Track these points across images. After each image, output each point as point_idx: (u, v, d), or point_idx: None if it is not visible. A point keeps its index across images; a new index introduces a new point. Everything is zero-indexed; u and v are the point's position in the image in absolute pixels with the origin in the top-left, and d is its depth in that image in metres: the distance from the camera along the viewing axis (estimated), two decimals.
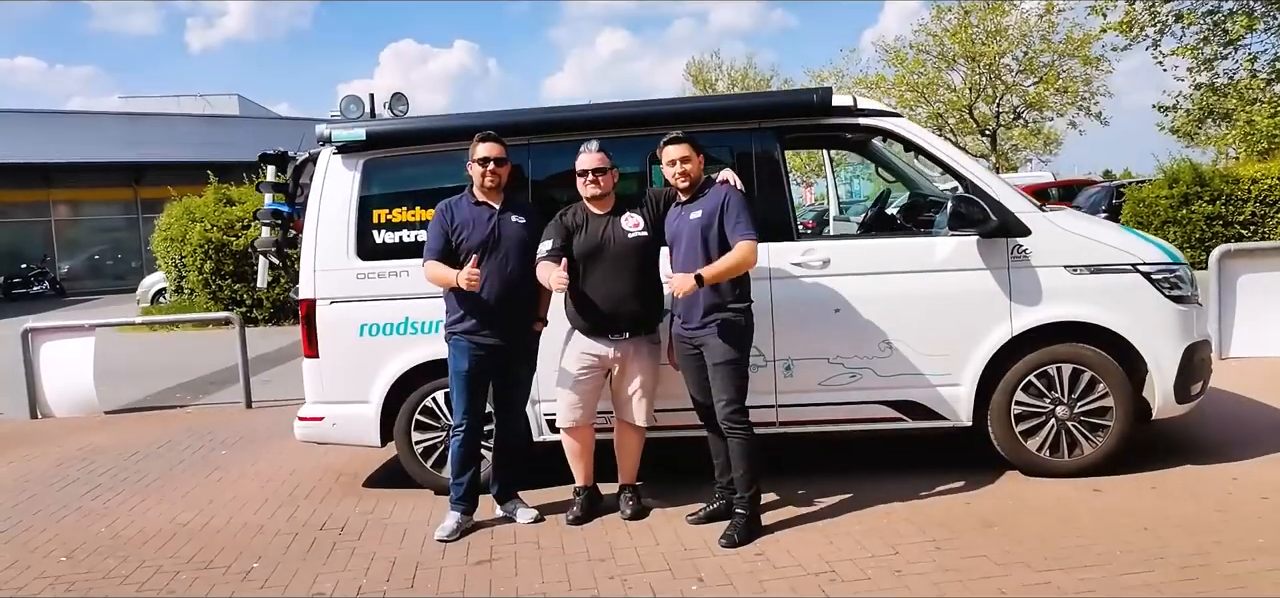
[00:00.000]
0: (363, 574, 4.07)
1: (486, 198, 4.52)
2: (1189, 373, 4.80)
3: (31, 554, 4.57)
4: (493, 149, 4.50)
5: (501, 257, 4.44)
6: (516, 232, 4.47)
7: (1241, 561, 3.65)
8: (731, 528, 4.17)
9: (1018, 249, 4.74)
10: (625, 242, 4.41)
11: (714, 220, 4.18)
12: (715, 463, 4.50)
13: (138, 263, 33.17)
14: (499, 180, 4.52)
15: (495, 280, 4.41)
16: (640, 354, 4.50)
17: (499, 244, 4.45)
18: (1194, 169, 15.45)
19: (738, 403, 4.20)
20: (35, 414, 8.33)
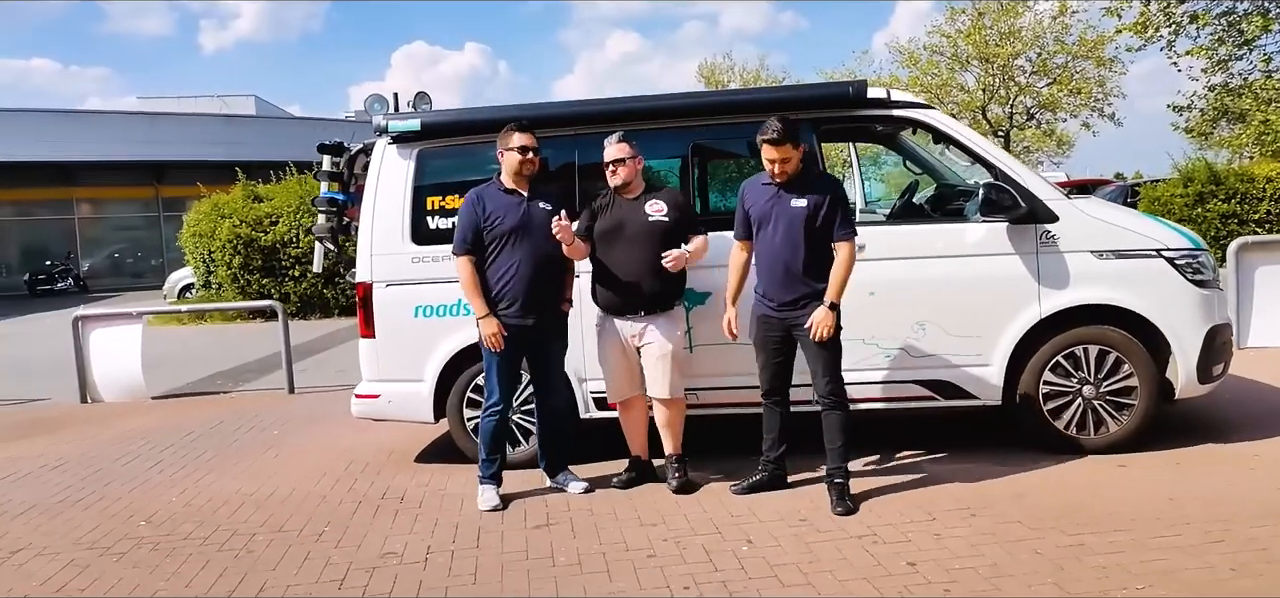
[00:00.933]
0: (429, 536, 4.32)
1: (517, 185, 4.73)
2: (1211, 354, 5.01)
3: (112, 520, 4.83)
4: (530, 139, 4.72)
5: (532, 242, 4.66)
6: (544, 218, 4.67)
7: (1262, 525, 3.86)
8: (840, 498, 4.34)
9: (1046, 235, 4.95)
10: (644, 225, 4.64)
11: (820, 212, 4.33)
12: (766, 437, 4.68)
13: (158, 260, 33.65)
14: (533, 169, 4.75)
15: (527, 264, 4.64)
16: (659, 331, 4.69)
17: (530, 230, 4.65)
18: (1209, 168, 15.60)
19: (839, 380, 4.42)
20: (85, 399, 8.62)
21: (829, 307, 4.30)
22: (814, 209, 4.34)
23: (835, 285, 4.32)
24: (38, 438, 7.03)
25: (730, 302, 4.66)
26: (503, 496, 4.74)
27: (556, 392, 4.98)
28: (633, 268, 4.67)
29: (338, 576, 3.91)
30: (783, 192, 4.41)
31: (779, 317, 4.45)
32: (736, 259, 4.65)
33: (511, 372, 4.78)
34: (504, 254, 4.65)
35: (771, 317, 4.48)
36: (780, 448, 4.64)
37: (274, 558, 4.15)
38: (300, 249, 15.83)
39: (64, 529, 4.72)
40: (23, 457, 6.40)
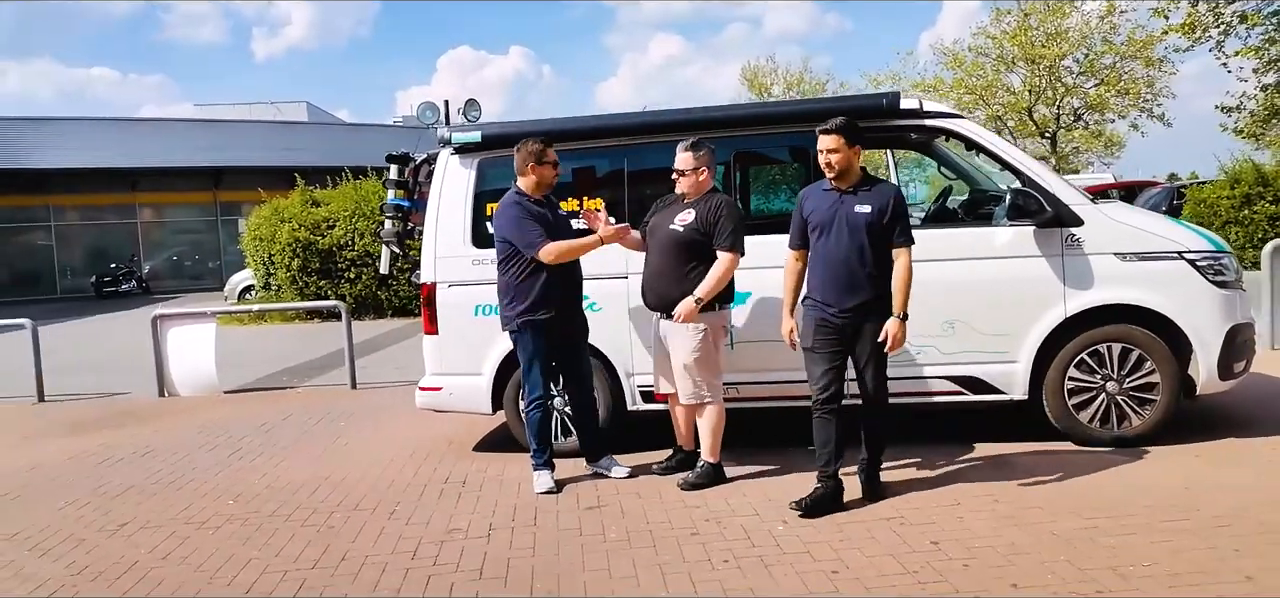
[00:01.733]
0: (490, 515, 4.72)
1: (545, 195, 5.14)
2: (1232, 352, 5.22)
3: (204, 499, 5.32)
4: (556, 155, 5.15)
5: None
6: (567, 225, 5.07)
7: (1273, 511, 4.10)
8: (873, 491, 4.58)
9: (1071, 238, 5.21)
10: (668, 232, 4.96)
11: (883, 217, 4.40)
12: (822, 450, 4.52)
13: (215, 262, 34.80)
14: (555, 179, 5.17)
15: (560, 268, 5.01)
16: (677, 337, 4.91)
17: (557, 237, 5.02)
18: (1256, 170, 15.55)
19: (886, 384, 4.58)
20: (162, 393, 9.19)
21: (900, 319, 4.41)
22: (878, 214, 4.40)
23: (901, 295, 4.41)
24: (126, 428, 7.59)
25: (789, 312, 4.67)
26: (558, 481, 5.12)
27: (587, 381, 5.32)
28: (657, 272, 5.00)
29: (410, 547, 4.32)
30: (845, 196, 4.48)
31: (841, 322, 4.44)
32: (792, 268, 4.68)
33: (547, 365, 5.15)
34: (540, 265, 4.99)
35: (832, 322, 4.45)
36: (840, 459, 4.54)
37: (352, 532, 4.58)
38: (356, 252, 16.43)
39: (162, 507, 5.21)
40: (115, 444, 6.95)
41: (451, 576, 3.95)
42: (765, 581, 3.69)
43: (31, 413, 8.77)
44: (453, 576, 3.95)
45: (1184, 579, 3.48)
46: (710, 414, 4.99)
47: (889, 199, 4.46)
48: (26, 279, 31.11)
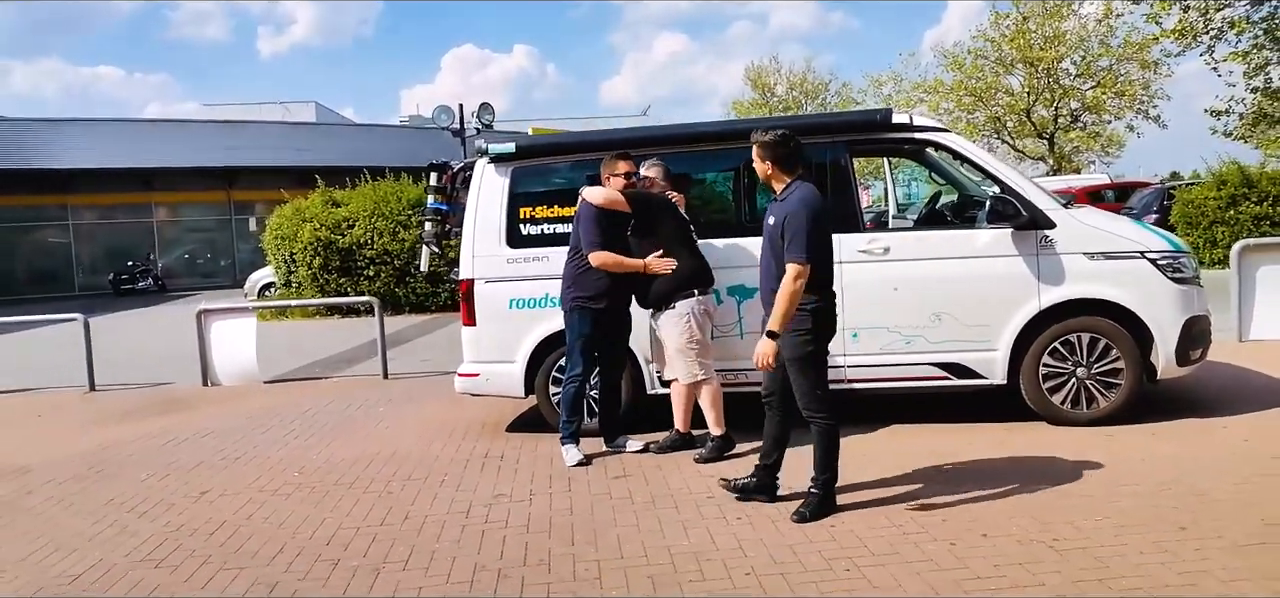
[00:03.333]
0: (530, 482, 5.36)
1: None
2: (1189, 341, 5.85)
3: (270, 472, 5.96)
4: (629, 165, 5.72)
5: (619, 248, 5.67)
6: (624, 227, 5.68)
7: (1210, 480, 4.72)
8: (804, 504, 4.51)
9: (1045, 239, 5.83)
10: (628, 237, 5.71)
11: (780, 230, 4.41)
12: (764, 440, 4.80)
13: (227, 261, 35.52)
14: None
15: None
16: (663, 326, 5.62)
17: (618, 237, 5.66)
18: (1242, 171, 16.13)
19: (809, 395, 4.48)
20: (206, 382, 9.83)
21: (766, 334, 4.36)
22: (778, 226, 4.44)
23: (777, 310, 4.33)
24: (180, 414, 8.23)
25: None
26: (587, 455, 5.75)
27: (620, 371, 6.01)
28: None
29: (463, 508, 4.96)
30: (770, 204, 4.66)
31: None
32: None
33: (592, 348, 5.79)
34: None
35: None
36: (773, 456, 4.76)
37: (410, 496, 5.22)
38: (375, 250, 17.08)
39: (233, 478, 5.85)
40: (175, 427, 7.59)
41: (502, 530, 4.59)
42: (773, 534, 4.32)
43: (86, 401, 9.42)
44: (503, 530, 4.59)
45: (1130, 529, 4.11)
46: (707, 391, 5.64)
47: (786, 212, 4.40)
48: (44, 277, 31.75)
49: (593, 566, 4.07)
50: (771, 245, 4.49)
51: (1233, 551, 3.82)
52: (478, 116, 21.56)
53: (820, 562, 3.96)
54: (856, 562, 3.94)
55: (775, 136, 4.58)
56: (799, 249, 4.30)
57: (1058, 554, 3.89)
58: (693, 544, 4.26)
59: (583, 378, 5.81)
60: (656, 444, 5.90)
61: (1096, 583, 3.60)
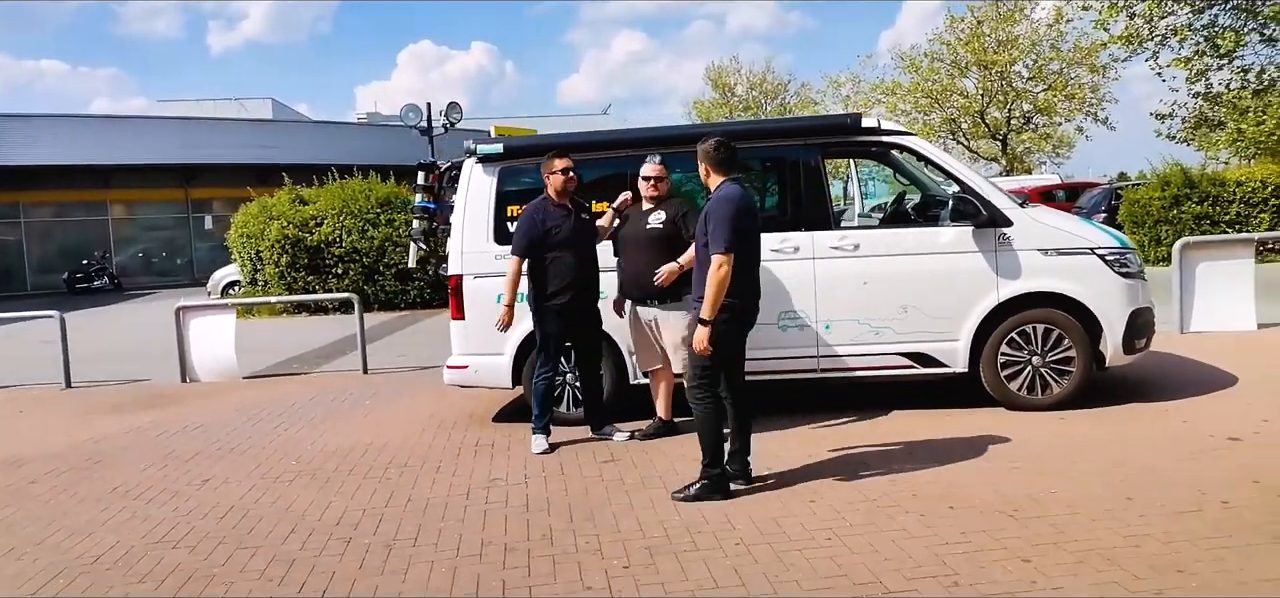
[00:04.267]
0: (523, 467, 5.64)
1: (564, 201, 5.98)
2: (1134, 331, 6.31)
3: (268, 460, 6.16)
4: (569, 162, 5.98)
5: (578, 245, 5.93)
6: (586, 225, 5.97)
7: (1153, 457, 5.15)
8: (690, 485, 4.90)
9: (1002, 236, 6.25)
10: (645, 231, 5.89)
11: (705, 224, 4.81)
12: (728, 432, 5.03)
13: (184, 259, 35.15)
14: (573, 186, 6.00)
15: (570, 263, 5.90)
16: (669, 319, 5.80)
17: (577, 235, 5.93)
18: (1184, 173, 16.88)
19: (695, 377, 4.84)
20: (185, 379, 9.93)
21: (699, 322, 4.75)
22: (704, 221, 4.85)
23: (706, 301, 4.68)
24: (165, 408, 8.36)
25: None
26: (552, 443, 6.02)
27: (595, 363, 6.27)
28: (637, 266, 5.88)
29: (463, 490, 5.23)
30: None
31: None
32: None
33: (561, 345, 6.07)
34: (559, 255, 5.92)
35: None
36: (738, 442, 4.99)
37: (409, 481, 5.47)
38: (344, 248, 17.16)
39: (234, 467, 6.05)
40: (164, 421, 7.73)
41: (503, 510, 4.87)
42: (757, 509, 4.65)
43: (65, 397, 9.48)
44: (504, 510, 4.87)
45: (1081, 500, 4.51)
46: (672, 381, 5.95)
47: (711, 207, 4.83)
48: None
49: (593, 539, 4.37)
50: (702, 238, 4.81)
51: (1172, 517, 4.23)
52: (445, 115, 21.67)
53: (802, 533, 4.31)
54: (836, 532, 4.29)
55: (711, 143, 4.94)
56: (720, 240, 4.63)
57: (1018, 522, 4.28)
58: (684, 520, 4.57)
59: (552, 374, 6.07)
60: (641, 432, 6.19)
61: (1052, 546, 3.98)
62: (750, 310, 4.98)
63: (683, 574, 3.91)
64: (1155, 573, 3.65)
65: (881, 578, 3.76)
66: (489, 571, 4.08)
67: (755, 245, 4.95)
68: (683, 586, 3.80)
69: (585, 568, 4.04)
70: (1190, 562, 3.74)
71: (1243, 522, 4.12)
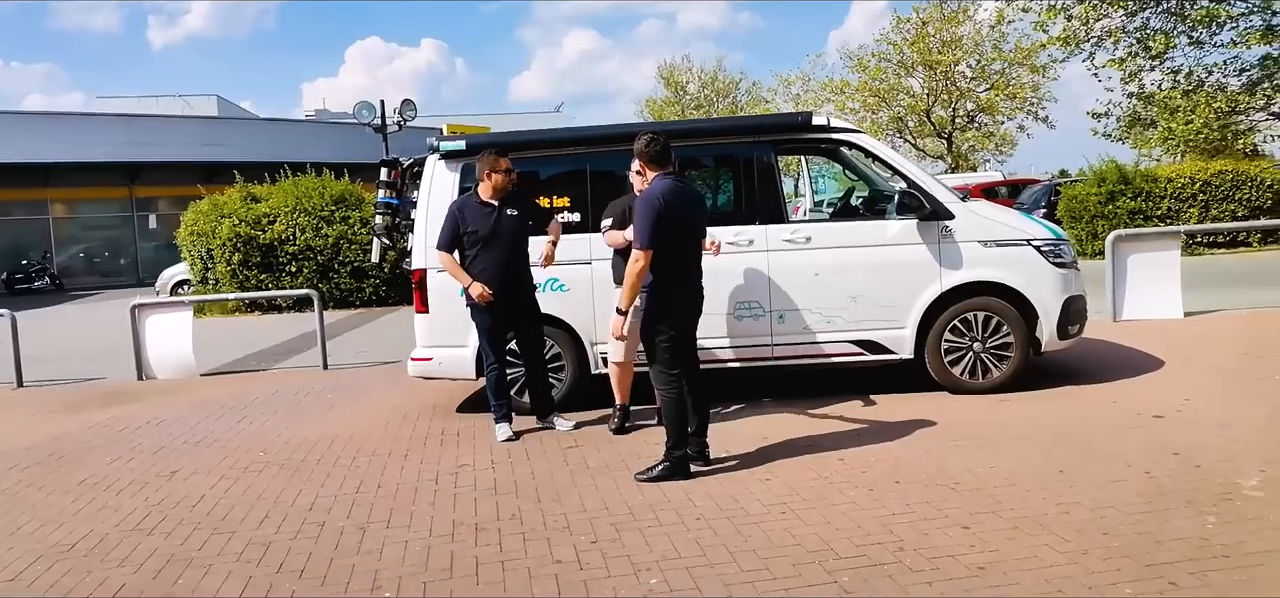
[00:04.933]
0: (490, 453, 5.82)
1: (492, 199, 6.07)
2: (1068, 318, 6.68)
3: (236, 452, 6.25)
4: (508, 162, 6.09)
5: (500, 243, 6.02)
6: (511, 223, 6.06)
7: (1085, 434, 5.51)
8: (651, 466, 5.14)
9: (945, 229, 6.58)
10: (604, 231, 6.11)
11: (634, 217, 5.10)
12: None
13: (128, 259, 34.49)
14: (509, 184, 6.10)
15: (492, 257, 6.00)
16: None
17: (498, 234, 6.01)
18: (1119, 170, 17.55)
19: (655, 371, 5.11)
20: (141, 376, 9.90)
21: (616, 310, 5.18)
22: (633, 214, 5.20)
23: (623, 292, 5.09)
24: (124, 405, 8.36)
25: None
26: (516, 432, 6.17)
27: (535, 352, 6.35)
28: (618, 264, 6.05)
29: (432, 475, 5.40)
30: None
31: None
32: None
33: (496, 336, 6.18)
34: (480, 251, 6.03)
35: None
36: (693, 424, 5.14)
37: (378, 469, 5.62)
38: (297, 246, 17.08)
39: (201, 459, 6.13)
40: (125, 417, 7.75)
41: (472, 493, 5.05)
42: (716, 488, 4.90)
43: (20, 397, 9.40)
44: (473, 493, 5.05)
45: (1017, 474, 4.83)
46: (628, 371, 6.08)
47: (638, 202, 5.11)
48: None
49: (561, 518, 4.57)
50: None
51: (1100, 487, 4.56)
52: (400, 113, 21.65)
53: (759, 508, 4.56)
54: (791, 506, 4.55)
55: (643, 139, 5.16)
56: (640, 236, 4.91)
57: (959, 494, 4.58)
58: (647, 499, 4.79)
59: (498, 364, 6.19)
60: (614, 424, 6.20)
61: (990, 515, 4.28)
62: (696, 298, 5.21)
63: (648, 547, 4.14)
64: (1082, 535, 3.97)
65: (833, 546, 4.02)
66: (462, 548, 4.26)
67: (693, 237, 5.19)
68: (648, 557, 4.02)
69: (555, 544, 4.25)
70: (1114, 526, 4.06)
71: (1162, 490, 4.47)
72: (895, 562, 3.82)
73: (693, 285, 5.18)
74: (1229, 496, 4.32)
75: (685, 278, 5.11)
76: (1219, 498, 4.29)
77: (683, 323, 5.14)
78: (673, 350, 5.09)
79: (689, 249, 5.15)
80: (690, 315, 5.21)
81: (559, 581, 3.84)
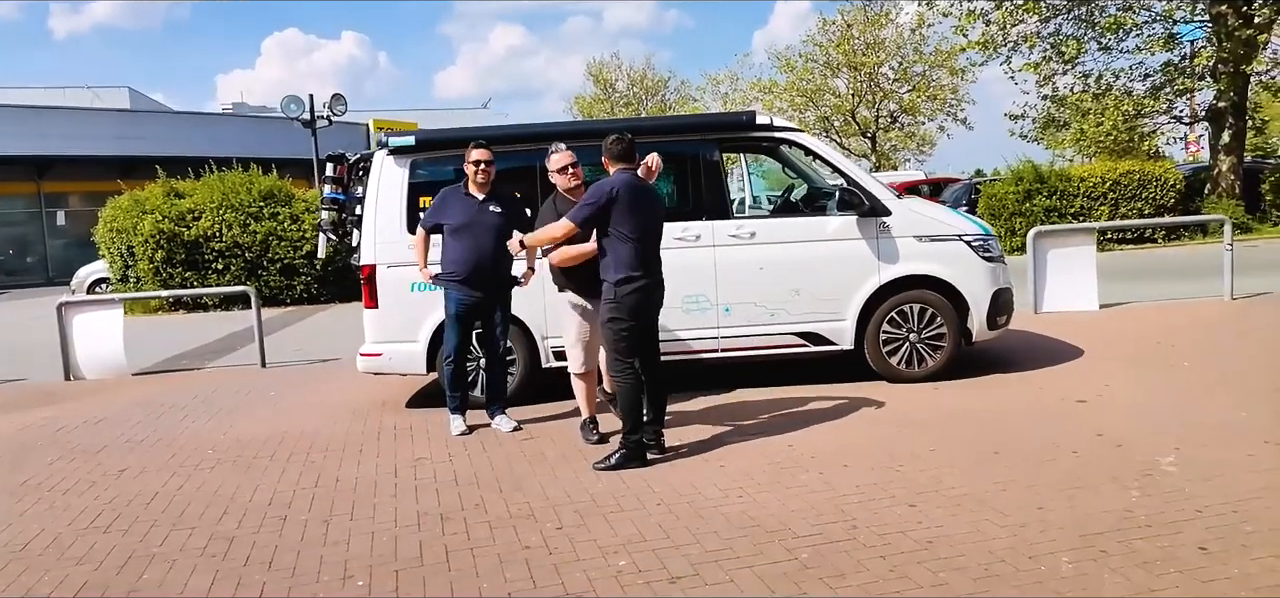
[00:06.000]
0: (445, 447, 5.88)
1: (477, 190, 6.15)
2: (996, 309, 7.05)
3: (183, 450, 6.17)
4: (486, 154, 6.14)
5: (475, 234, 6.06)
6: (491, 217, 6.09)
7: (1015, 417, 5.85)
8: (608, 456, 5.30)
9: (882, 225, 6.87)
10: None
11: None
12: None
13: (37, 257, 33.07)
14: (488, 178, 6.14)
15: (468, 244, 6.07)
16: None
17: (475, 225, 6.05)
18: (1035, 169, 18.34)
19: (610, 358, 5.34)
20: (68, 377, 9.60)
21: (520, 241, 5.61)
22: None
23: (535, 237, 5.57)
24: (56, 405, 8.12)
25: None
26: (470, 425, 6.22)
27: (497, 348, 6.41)
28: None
29: (390, 470, 5.44)
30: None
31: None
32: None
33: (464, 332, 6.26)
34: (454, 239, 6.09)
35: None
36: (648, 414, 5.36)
37: (334, 464, 5.63)
38: (224, 243, 16.69)
39: (148, 457, 6.03)
40: (58, 417, 7.53)
41: (433, 485, 5.11)
42: (673, 474, 5.06)
43: None
44: (434, 485, 5.11)
45: (956, 456, 5.11)
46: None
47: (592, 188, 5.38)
48: None
49: (524, 506, 4.68)
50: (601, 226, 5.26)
51: (1032, 466, 4.87)
52: (329, 108, 21.28)
53: (716, 492, 4.74)
54: (746, 489, 4.74)
55: (609, 138, 5.37)
56: (577, 213, 5.22)
57: (902, 475, 4.84)
58: (607, 486, 4.93)
59: (457, 354, 6.24)
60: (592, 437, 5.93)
61: (933, 494, 4.54)
62: (655, 291, 5.37)
63: (613, 532, 4.28)
64: (1020, 511, 4.25)
65: (790, 526, 4.22)
66: (430, 537, 4.33)
67: (654, 232, 5.36)
68: (614, 540, 4.16)
69: (521, 531, 4.35)
70: (1047, 500, 4.35)
71: (1089, 467, 4.80)
72: (849, 539, 4.04)
73: (652, 279, 5.32)
74: (1149, 472, 4.66)
75: (645, 271, 5.25)
76: (1140, 474, 4.63)
77: (641, 314, 5.28)
78: (629, 340, 5.24)
79: (649, 243, 5.30)
80: (649, 307, 5.36)
81: (530, 565, 3.95)
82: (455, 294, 6.16)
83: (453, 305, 6.19)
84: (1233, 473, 4.55)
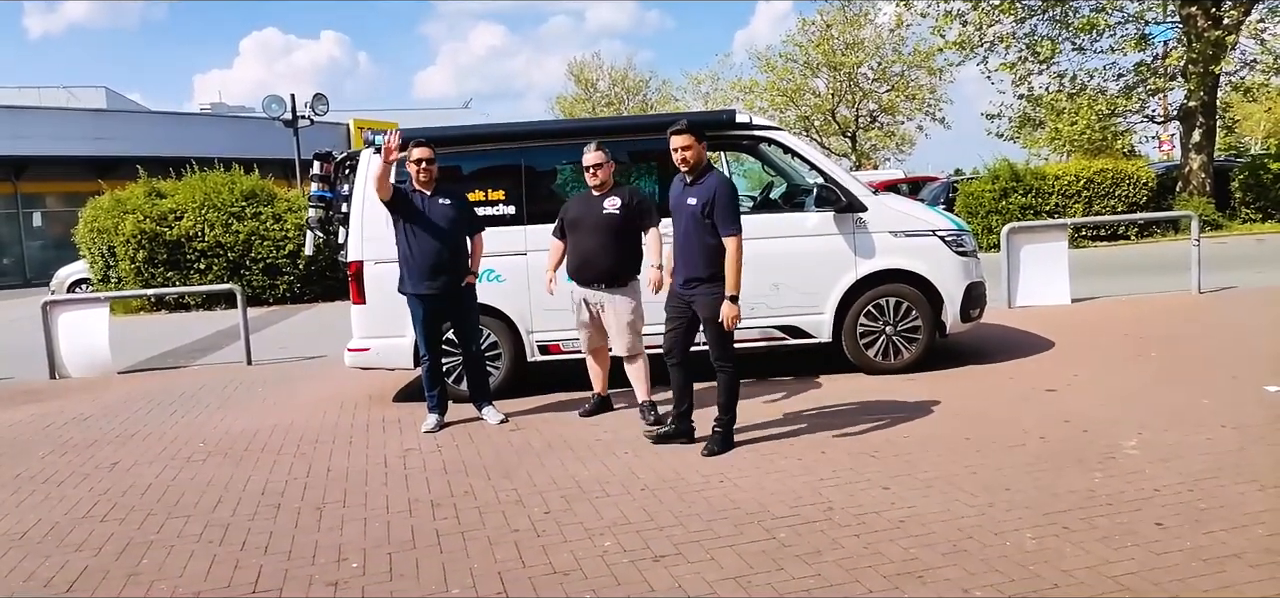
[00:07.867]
0: (434, 438, 6.01)
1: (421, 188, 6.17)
2: (969, 303, 7.25)
3: (175, 444, 6.27)
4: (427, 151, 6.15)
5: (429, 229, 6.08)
6: (441, 211, 6.14)
7: (987, 406, 6.05)
8: (711, 441, 5.32)
9: (860, 221, 7.06)
10: (600, 217, 6.22)
11: (709, 207, 5.12)
12: (673, 393, 5.58)
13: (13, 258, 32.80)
14: (430, 176, 6.16)
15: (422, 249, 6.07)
16: (615, 302, 6.07)
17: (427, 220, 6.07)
18: (1011, 168, 18.65)
19: (722, 348, 5.30)
20: (54, 375, 9.64)
21: (728, 299, 5.12)
22: (703, 204, 5.18)
23: (731, 279, 5.11)
24: (44, 403, 8.18)
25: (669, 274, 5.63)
26: (444, 422, 6.29)
27: (470, 344, 6.43)
28: (589, 251, 6.05)
29: (380, 459, 5.56)
30: (686, 188, 5.31)
31: (686, 296, 5.36)
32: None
33: (432, 332, 6.28)
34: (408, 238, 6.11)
35: (681, 294, 5.39)
36: (684, 405, 5.52)
37: (325, 455, 5.75)
38: (206, 243, 16.71)
39: (140, 451, 6.13)
40: (46, 414, 7.60)
41: (423, 474, 5.25)
42: (657, 461, 5.22)
43: None
44: (424, 474, 5.25)
45: (929, 442, 5.30)
46: (643, 362, 6.15)
47: (713, 192, 5.13)
48: None
49: (512, 493, 4.83)
50: (694, 220, 5.17)
51: (1002, 450, 5.07)
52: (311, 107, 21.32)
53: (699, 478, 4.90)
54: (728, 476, 4.90)
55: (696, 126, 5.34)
56: (731, 223, 5.12)
57: (878, 461, 5.02)
58: (593, 473, 5.09)
59: (431, 357, 6.27)
60: (583, 411, 6.36)
61: (907, 477, 4.72)
62: None
63: (598, 515, 4.43)
64: (988, 492, 4.43)
65: (769, 508, 4.39)
66: (421, 523, 4.47)
67: None
68: (600, 523, 4.32)
69: (510, 516, 4.50)
70: (1015, 482, 4.55)
71: (1055, 451, 4.99)
72: (826, 519, 4.21)
73: None
74: (1112, 455, 4.86)
75: None
76: (1104, 457, 4.83)
77: None
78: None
79: None
80: None
81: (519, 546, 4.09)
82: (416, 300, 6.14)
83: (412, 311, 6.22)
84: (1190, 455, 4.76)
